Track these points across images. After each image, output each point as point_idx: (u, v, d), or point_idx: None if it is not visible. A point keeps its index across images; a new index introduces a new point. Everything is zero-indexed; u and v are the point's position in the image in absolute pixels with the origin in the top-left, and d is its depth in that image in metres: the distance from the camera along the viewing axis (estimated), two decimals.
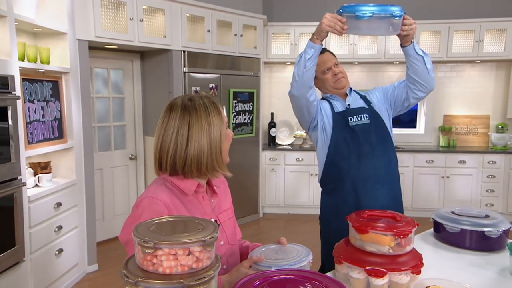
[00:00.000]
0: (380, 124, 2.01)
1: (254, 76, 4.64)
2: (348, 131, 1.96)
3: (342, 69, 2.05)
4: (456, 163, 4.70)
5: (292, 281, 0.69)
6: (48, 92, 2.95)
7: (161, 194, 1.15)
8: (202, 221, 0.88)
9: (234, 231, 1.34)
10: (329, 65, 2.01)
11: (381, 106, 2.05)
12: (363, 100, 2.06)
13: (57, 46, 3.07)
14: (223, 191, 1.36)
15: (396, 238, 1.26)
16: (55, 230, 2.86)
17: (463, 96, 5.14)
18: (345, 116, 1.99)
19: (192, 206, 1.20)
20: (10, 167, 2.40)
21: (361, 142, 1.95)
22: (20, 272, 2.49)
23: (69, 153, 3.15)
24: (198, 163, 1.16)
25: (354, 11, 1.65)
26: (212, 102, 1.21)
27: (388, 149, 2.01)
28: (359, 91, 2.13)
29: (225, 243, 1.28)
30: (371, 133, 1.96)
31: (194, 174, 1.19)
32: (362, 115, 1.99)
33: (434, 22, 4.76)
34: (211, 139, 1.16)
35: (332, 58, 2.04)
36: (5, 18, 2.40)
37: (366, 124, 1.97)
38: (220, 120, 1.19)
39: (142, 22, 3.53)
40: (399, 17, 1.68)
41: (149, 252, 0.77)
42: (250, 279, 0.68)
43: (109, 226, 4.08)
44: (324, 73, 2.02)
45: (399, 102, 2.04)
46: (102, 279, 3.25)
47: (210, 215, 1.24)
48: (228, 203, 1.37)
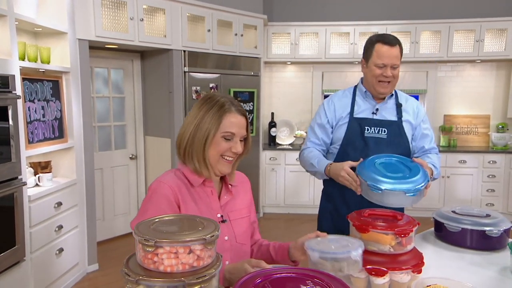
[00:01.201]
0: (400, 141, 1.85)
1: (254, 76, 4.64)
2: (360, 141, 1.84)
3: (397, 73, 1.81)
4: (457, 163, 4.70)
5: (293, 279, 0.69)
6: (48, 92, 2.95)
7: (168, 180, 1.22)
8: (203, 219, 0.88)
9: (245, 231, 1.34)
10: (387, 62, 1.76)
11: (408, 124, 1.89)
12: (397, 108, 1.89)
13: (57, 45, 3.07)
14: (242, 191, 1.37)
15: (397, 237, 1.26)
16: (56, 230, 2.86)
17: (464, 96, 5.14)
18: (363, 124, 1.85)
19: (199, 198, 1.24)
20: (11, 166, 2.40)
21: (369, 155, 1.76)
22: (20, 271, 2.49)
23: (70, 152, 3.15)
24: (180, 145, 1.25)
25: (367, 179, 1.52)
26: (222, 109, 1.21)
27: None
28: (401, 94, 1.94)
29: (231, 239, 1.28)
30: (383, 147, 1.82)
31: (185, 158, 1.25)
32: (381, 129, 1.84)
33: (435, 22, 4.76)
34: (197, 131, 1.21)
35: (395, 57, 1.77)
36: (5, 17, 2.40)
37: (382, 139, 1.84)
38: (215, 125, 1.20)
39: (143, 22, 3.53)
40: (413, 194, 1.48)
41: (150, 250, 0.77)
42: (252, 277, 0.68)
43: (109, 226, 4.08)
44: (376, 66, 1.78)
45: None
46: (102, 278, 3.25)
47: (217, 210, 1.26)
48: (246, 203, 1.37)
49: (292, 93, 5.35)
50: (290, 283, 0.67)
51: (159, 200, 1.18)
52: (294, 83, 5.35)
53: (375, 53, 1.78)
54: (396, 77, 1.82)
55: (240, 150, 1.24)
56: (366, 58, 1.85)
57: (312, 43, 4.94)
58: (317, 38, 4.90)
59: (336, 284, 0.66)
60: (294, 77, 5.35)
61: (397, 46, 1.78)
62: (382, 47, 1.77)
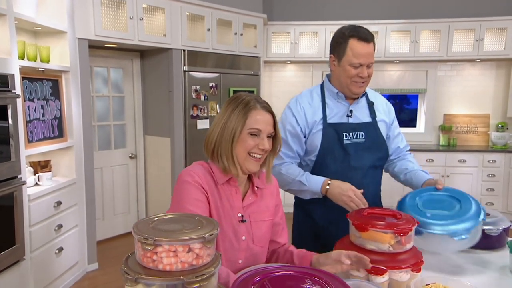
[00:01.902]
0: (378, 143, 1.72)
1: (254, 75, 4.64)
2: (339, 150, 1.66)
3: (371, 71, 1.65)
4: (456, 162, 4.70)
5: (292, 277, 0.69)
6: (48, 91, 2.95)
7: (198, 171, 1.25)
8: (203, 218, 0.88)
9: (264, 234, 1.33)
10: (364, 61, 1.60)
11: (383, 123, 1.76)
12: (369, 107, 1.74)
13: (57, 44, 3.06)
14: (269, 194, 1.36)
15: (396, 236, 1.26)
16: (55, 229, 2.86)
17: (463, 95, 5.14)
18: (339, 130, 1.67)
19: (223, 193, 1.25)
20: (10, 165, 2.40)
21: (351, 165, 1.67)
22: (20, 270, 2.49)
23: (69, 152, 3.15)
24: (208, 146, 1.26)
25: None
26: (247, 107, 1.22)
27: (378, 173, 1.77)
28: (369, 91, 1.79)
29: (248, 240, 1.28)
30: (365, 153, 1.68)
31: (214, 158, 1.26)
32: (359, 133, 1.68)
33: (434, 21, 4.76)
34: (224, 130, 1.22)
35: (371, 55, 1.61)
36: (5, 16, 2.40)
37: (361, 144, 1.68)
38: (241, 122, 1.21)
39: (142, 21, 3.53)
40: (464, 237, 1.30)
41: (149, 249, 0.77)
42: (250, 275, 0.68)
43: (109, 225, 4.08)
44: (351, 65, 1.61)
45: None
46: (102, 278, 3.25)
47: (238, 210, 1.27)
48: (270, 207, 1.36)
49: (292, 93, 5.31)
50: (289, 281, 0.67)
51: (188, 188, 1.20)
52: (293, 82, 5.35)
53: (350, 51, 1.60)
54: (371, 75, 1.65)
55: (267, 146, 1.23)
56: (338, 55, 1.65)
57: (312, 42, 4.93)
58: (317, 37, 4.90)
59: (335, 282, 0.66)
60: (293, 77, 5.35)
61: (372, 42, 1.62)
62: (358, 44, 1.59)
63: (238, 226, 1.26)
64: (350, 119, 1.70)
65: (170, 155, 3.99)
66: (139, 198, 4.34)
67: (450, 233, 1.31)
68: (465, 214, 1.36)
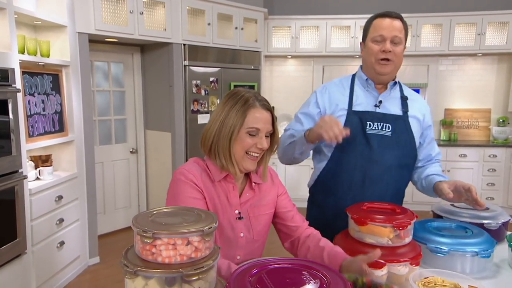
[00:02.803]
0: (406, 139, 1.60)
1: (254, 70, 4.63)
2: (361, 139, 1.56)
3: (399, 51, 1.53)
4: (457, 157, 4.70)
5: (290, 270, 0.69)
6: (48, 85, 2.95)
7: (191, 168, 1.24)
8: (201, 211, 0.88)
9: (263, 228, 1.33)
10: (385, 34, 1.50)
11: (416, 121, 1.64)
12: (402, 101, 1.63)
13: (57, 39, 3.06)
14: (267, 188, 1.34)
15: (395, 229, 1.26)
16: (57, 223, 2.87)
17: (465, 90, 5.12)
18: (364, 119, 1.57)
19: (221, 190, 1.25)
20: (11, 160, 2.41)
21: (373, 158, 1.57)
22: (22, 264, 2.51)
23: (70, 146, 3.15)
24: (205, 142, 1.25)
25: (425, 241, 1.34)
26: (246, 105, 1.20)
27: (403, 173, 1.65)
28: (407, 88, 1.70)
29: (246, 236, 1.28)
30: (389, 148, 1.58)
31: (211, 155, 1.25)
32: (385, 125, 1.57)
33: (436, 15, 4.73)
34: (221, 128, 1.21)
35: (396, 29, 1.51)
36: (4, 10, 2.39)
37: (387, 137, 1.57)
38: (240, 120, 1.19)
39: (142, 15, 3.52)
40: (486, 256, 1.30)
41: (148, 242, 0.78)
42: (248, 268, 0.68)
43: (110, 220, 4.10)
44: (373, 41, 1.54)
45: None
46: (103, 271, 3.27)
47: (235, 207, 1.27)
48: (270, 200, 1.34)
49: (292, 87, 5.34)
50: (287, 273, 0.68)
51: (183, 186, 1.19)
52: (294, 77, 5.34)
53: (372, 28, 1.54)
54: (398, 56, 1.53)
55: (265, 145, 1.22)
56: (364, 38, 1.60)
57: (313, 36, 4.92)
58: (317, 31, 4.88)
59: (332, 274, 0.67)
60: (294, 71, 5.33)
61: (399, 19, 1.54)
62: (380, 20, 1.54)
63: (235, 223, 1.26)
64: (378, 109, 1.60)
65: (170, 149, 3.99)
66: (140, 192, 4.35)
67: (477, 251, 1.30)
68: (481, 236, 1.36)
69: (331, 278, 0.64)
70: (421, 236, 1.39)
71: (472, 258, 1.31)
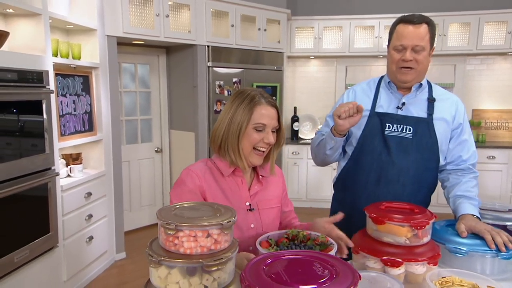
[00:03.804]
0: (428, 142, 1.58)
1: (277, 70, 4.66)
2: (379, 141, 1.58)
3: (422, 58, 1.52)
4: (485, 159, 4.57)
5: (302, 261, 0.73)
6: (79, 87, 3.08)
7: (196, 168, 1.31)
8: (221, 206, 0.93)
9: (273, 221, 1.39)
10: (407, 43, 1.51)
11: (442, 123, 1.60)
12: (428, 103, 1.61)
13: (87, 42, 3.19)
14: (274, 183, 1.42)
15: (413, 229, 1.27)
16: (86, 219, 2.99)
17: (493, 90, 4.98)
18: (384, 120, 1.59)
19: (227, 187, 1.31)
20: (45, 157, 2.54)
21: (390, 160, 1.57)
22: (54, 257, 2.64)
23: (99, 145, 3.28)
24: (215, 140, 1.31)
25: (444, 241, 1.35)
26: (253, 102, 1.27)
27: (424, 175, 1.61)
28: (438, 87, 1.68)
29: (257, 227, 1.34)
30: (408, 150, 1.57)
31: (221, 152, 1.31)
32: (406, 127, 1.57)
33: (464, 14, 4.62)
34: (230, 126, 1.27)
35: (417, 38, 1.49)
36: (40, 16, 2.52)
37: (407, 139, 1.57)
38: (247, 117, 1.26)
39: (168, 18, 3.62)
40: (507, 257, 1.29)
41: (171, 233, 0.83)
42: (263, 258, 0.72)
43: (136, 217, 4.22)
44: (395, 49, 1.55)
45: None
46: (129, 266, 3.37)
47: (246, 199, 1.33)
48: (276, 194, 1.41)
49: (315, 88, 5.34)
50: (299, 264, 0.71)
51: (183, 188, 1.27)
52: (317, 77, 5.33)
53: (395, 35, 1.54)
54: (421, 63, 1.53)
55: (272, 140, 1.28)
56: (388, 42, 1.62)
57: (336, 37, 4.90)
58: (341, 32, 4.86)
59: (341, 265, 0.70)
60: (317, 72, 5.33)
61: (423, 24, 1.50)
62: (403, 26, 1.52)
63: (246, 215, 1.32)
64: (399, 111, 1.60)
65: (194, 149, 4.08)
66: (165, 190, 4.46)
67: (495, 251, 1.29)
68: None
69: (340, 268, 0.67)
70: (440, 236, 1.39)
71: (492, 260, 1.30)
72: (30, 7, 2.45)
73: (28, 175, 2.36)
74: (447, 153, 1.65)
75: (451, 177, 1.66)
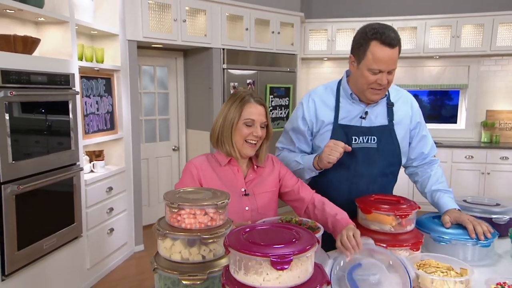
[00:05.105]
0: (391, 148, 1.62)
1: (290, 72, 4.79)
2: (347, 154, 1.53)
3: (392, 78, 1.51)
4: (498, 159, 4.58)
5: (272, 230, 0.89)
6: (102, 88, 3.30)
7: (195, 160, 1.52)
8: (218, 191, 1.09)
9: (268, 203, 1.54)
10: (384, 68, 1.46)
11: (402, 127, 1.64)
12: (388, 109, 1.62)
13: (110, 46, 3.41)
14: (270, 169, 1.57)
15: (397, 218, 1.39)
16: (107, 212, 3.20)
17: (508, 91, 4.97)
18: (350, 133, 1.59)
19: (224, 175, 1.50)
20: (71, 154, 2.76)
21: (358, 172, 1.60)
22: (78, 246, 2.85)
23: (119, 143, 3.49)
24: (213, 135, 1.51)
25: (430, 230, 1.47)
26: (243, 101, 1.46)
27: (388, 179, 1.67)
28: (394, 88, 1.67)
29: (252, 210, 1.50)
30: (375, 159, 1.60)
31: (218, 145, 1.50)
32: (371, 137, 1.59)
33: (478, 15, 4.64)
34: (225, 121, 1.48)
35: (393, 61, 1.47)
36: (67, 23, 2.75)
37: (372, 149, 1.59)
38: (238, 114, 1.45)
39: (185, 23, 3.81)
40: (485, 245, 1.40)
41: (175, 211, 0.99)
42: (242, 228, 0.89)
43: (154, 211, 4.42)
44: (370, 71, 1.48)
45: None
46: (147, 258, 3.55)
47: (241, 185, 1.50)
48: (272, 180, 1.56)
49: None
50: (270, 232, 0.88)
51: (184, 176, 1.48)
52: (330, 79, 5.30)
53: (370, 55, 1.45)
54: (391, 81, 1.52)
55: (260, 133, 1.47)
56: (358, 57, 1.51)
57: (349, 39, 4.93)
58: (353, 34, 4.92)
59: (302, 232, 0.85)
60: (330, 73, 5.43)
61: (397, 47, 1.46)
62: (380, 48, 1.44)
63: (241, 199, 1.49)
64: (363, 122, 1.60)
65: (209, 147, 4.25)
66: None
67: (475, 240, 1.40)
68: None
69: (302, 234, 0.83)
70: (426, 226, 1.51)
71: (473, 247, 1.42)
72: (59, 16, 2.68)
73: (55, 170, 2.58)
74: (411, 152, 1.71)
75: (419, 171, 1.73)
